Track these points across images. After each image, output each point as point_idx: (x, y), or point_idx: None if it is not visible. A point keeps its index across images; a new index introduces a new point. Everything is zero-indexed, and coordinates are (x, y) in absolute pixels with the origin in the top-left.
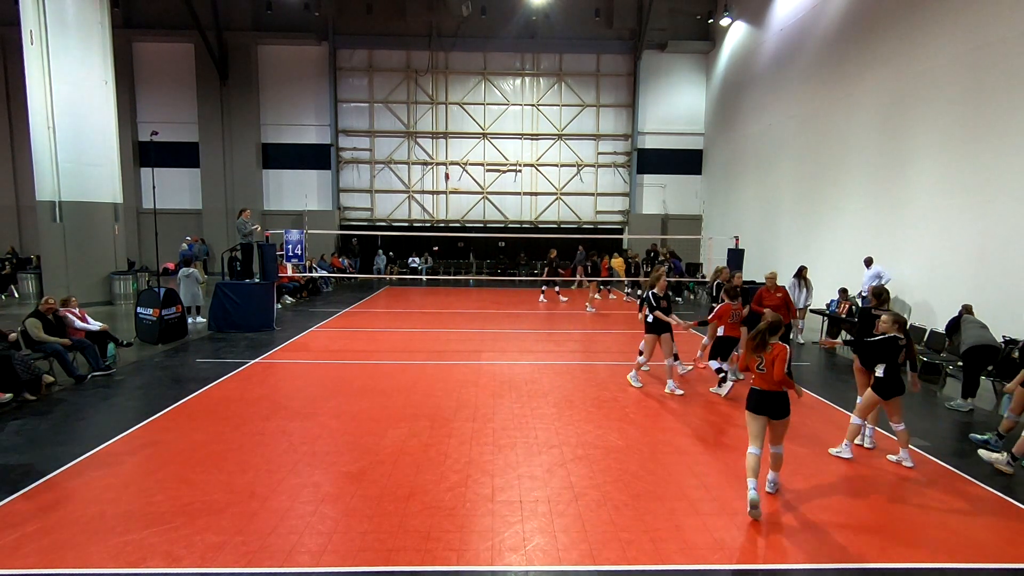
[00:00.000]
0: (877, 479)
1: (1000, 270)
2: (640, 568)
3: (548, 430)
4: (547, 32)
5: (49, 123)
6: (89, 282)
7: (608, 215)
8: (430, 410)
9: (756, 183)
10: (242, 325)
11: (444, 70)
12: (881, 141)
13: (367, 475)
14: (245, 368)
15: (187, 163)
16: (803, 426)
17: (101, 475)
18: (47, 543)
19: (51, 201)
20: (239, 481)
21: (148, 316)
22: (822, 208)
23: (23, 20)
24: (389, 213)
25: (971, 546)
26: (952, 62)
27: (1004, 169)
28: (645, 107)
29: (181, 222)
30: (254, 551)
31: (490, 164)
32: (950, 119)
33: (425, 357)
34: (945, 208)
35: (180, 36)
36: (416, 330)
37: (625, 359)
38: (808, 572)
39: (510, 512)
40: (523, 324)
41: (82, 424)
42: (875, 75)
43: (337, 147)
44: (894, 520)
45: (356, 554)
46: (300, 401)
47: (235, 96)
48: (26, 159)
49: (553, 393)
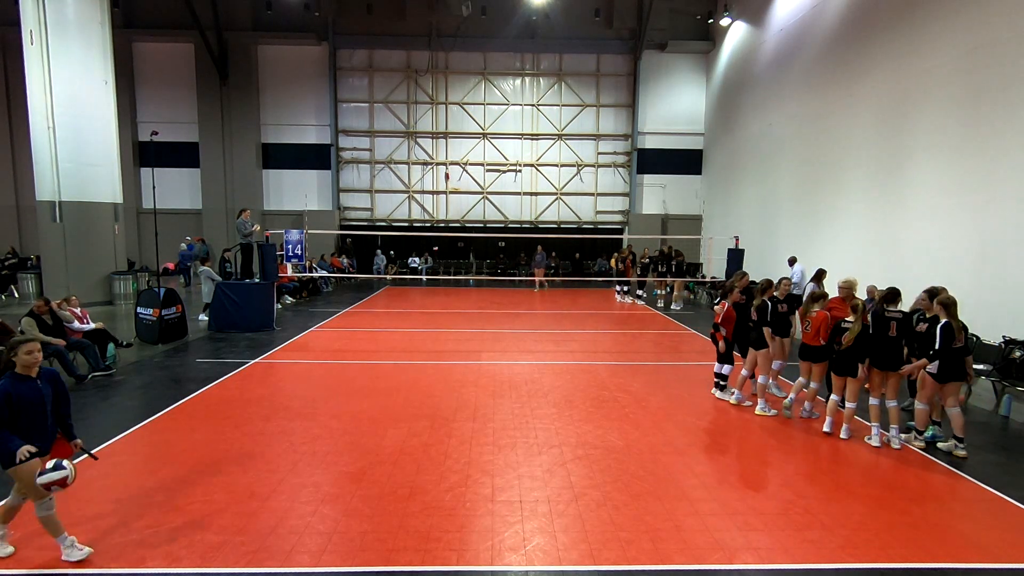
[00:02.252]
0: (877, 479)
1: (1000, 270)
2: (640, 568)
3: (548, 430)
4: (547, 32)
5: (49, 123)
6: (89, 282)
7: (608, 215)
8: (430, 410)
9: (756, 183)
10: (242, 325)
11: (444, 70)
12: (881, 141)
13: (367, 475)
14: (245, 368)
15: (187, 163)
16: (813, 424)
17: (101, 475)
18: (47, 543)
19: (51, 201)
20: (239, 481)
21: (148, 316)
22: (822, 208)
23: (23, 20)
24: (389, 213)
25: (971, 546)
26: (952, 62)
27: (1004, 169)
28: (645, 107)
29: (181, 222)
30: (254, 551)
31: (490, 164)
32: (950, 119)
33: (425, 357)
34: (945, 208)
35: (180, 36)
36: (416, 330)
37: (625, 359)
38: (808, 572)
39: (510, 512)
40: (523, 324)
41: (82, 424)
42: (875, 75)
43: (337, 147)
44: (895, 519)
45: (356, 554)
46: (300, 401)
47: (235, 96)
48: (26, 159)
49: (553, 393)
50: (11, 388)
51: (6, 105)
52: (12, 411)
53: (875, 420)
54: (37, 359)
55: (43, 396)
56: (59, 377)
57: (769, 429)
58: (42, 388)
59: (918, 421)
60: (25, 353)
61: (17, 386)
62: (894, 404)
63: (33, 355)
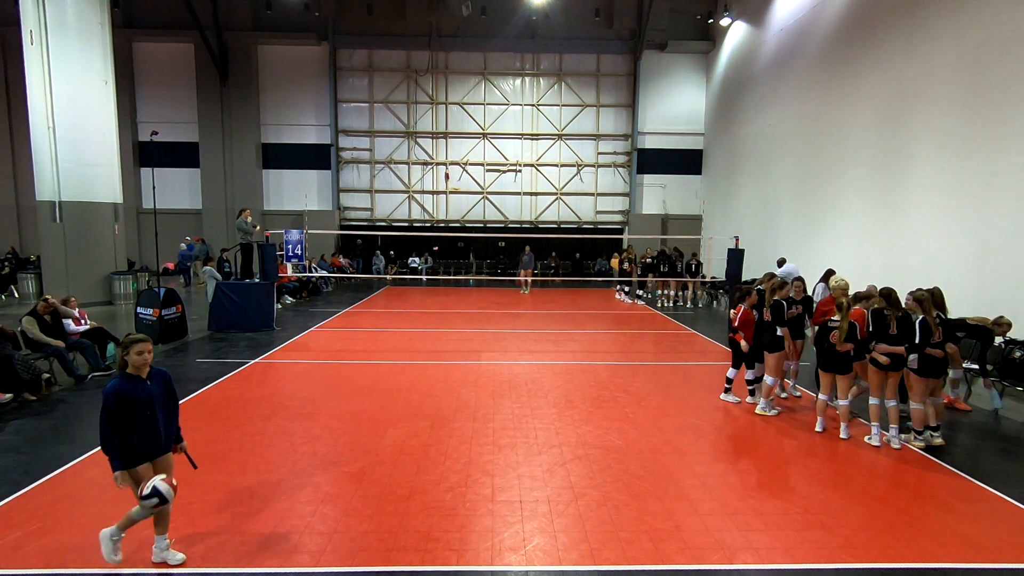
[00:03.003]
0: (877, 479)
1: (1000, 270)
2: (640, 568)
3: (548, 430)
4: (547, 32)
5: (49, 123)
6: (89, 282)
7: (608, 215)
8: (430, 410)
9: (756, 183)
10: (242, 325)
11: (444, 70)
12: (881, 140)
13: (367, 475)
14: (245, 368)
15: (187, 163)
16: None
17: (101, 475)
18: (47, 543)
19: (51, 201)
20: (239, 481)
21: (148, 316)
22: (822, 208)
23: (23, 20)
24: (389, 213)
25: (971, 546)
26: (952, 62)
27: (1004, 169)
28: (645, 107)
29: (181, 222)
30: (254, 551)
31: (490, 164)
32: (950, 119)
33: (425, 357)
34: (945, 208)
35: (180, 36)
36: (416, 330)
37: (625, 359)
38: (808, 572)
39: (510, 512)
40: (523, 324)
41: (82, 424)
42: (875, 75)
43: (337, 147)
44: (895, 519)
45: (356, 554)
46: (300, 401)
47: (235, 96)
48: (26, 159)
49: (553, 393)
50: (123, 388)
51: (6, 105)
52: (124, 412)
53: (875, 419)
54: (147, 359)
55: (153, 397)
56: (169, 377)
57: (769, 429)
58: (151, 388)
59: (915, 421)
60: (136, 353)
61: (129, 386)
62: (893, 404)
63: (143, 355)
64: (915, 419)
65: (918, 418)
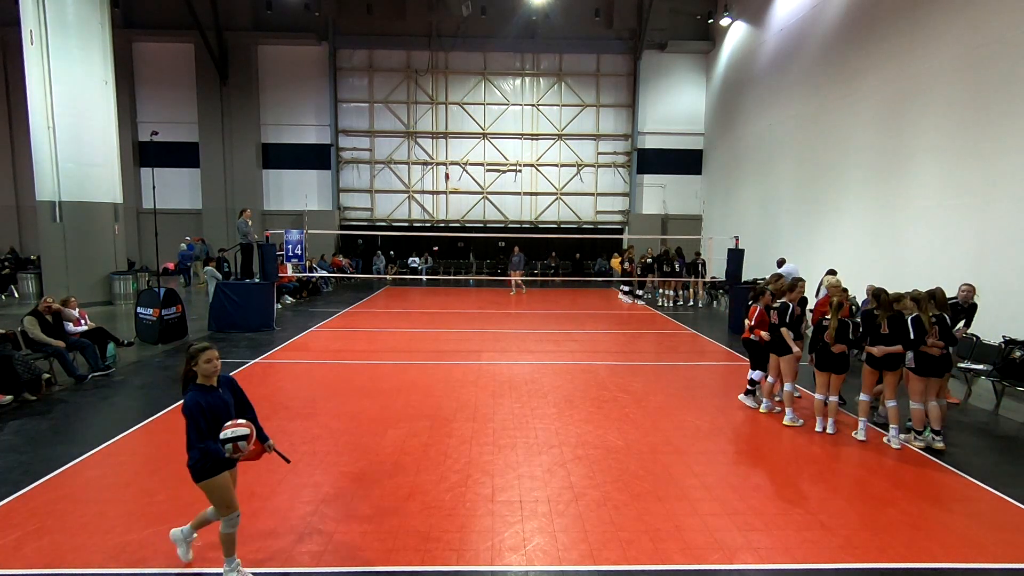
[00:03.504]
0: (877, 479)
1: (1000, 270)
2: (640, 568)
3: (548, 430)
4: (547, 32)
5: (49, 123)
6: (89, 282)
7: (608, 215)
8: (430, 410)
9: (756, 183)
10: (242, 325)
11: (444, 70)
12: (881, 141)
13: (367, 475)
14: (245, 368)
15: (187, 163)
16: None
17: (101, 475)
18: (47, 543)
19: (51, 201)
20: (239, 481)
21: (148, 316)
22: (822, 208)
23: (23, 20)
24: (389, 213)
25: (971, 546)
26: (952, 62)
27: (1004, 169)
28: (645, 107)
29: (181, 222)
30: (254, 551)
31: (490, 164)
32: (950, 119)
33: (425, 357)
34: (945, 208)
35: (180, 36)
36: (416, 330)
37: (625, 359)
38: (808, 572)
39: (510, 512)
40: (523, 324)
41: (82, 424)
42: (875, 75)
43: (337, 147)
44: (895, 519)
45: (356, 554)
46: (300, 401)
47: (235, 96)
48: (26, 159)
49: (553, 393)
50: (201, 399)
51: (6, 105)
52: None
53: (863, 415)
54: (217, 367)
55: (228, 404)
56: (236, 382)
57: (770, 430)
58: (224, 396)
59: (915, 421)
60: (205, 362)
61: (205, 397)
62: (893, 404)
63: (212, 363)
64: (915, 419)
65: (917, 418)
